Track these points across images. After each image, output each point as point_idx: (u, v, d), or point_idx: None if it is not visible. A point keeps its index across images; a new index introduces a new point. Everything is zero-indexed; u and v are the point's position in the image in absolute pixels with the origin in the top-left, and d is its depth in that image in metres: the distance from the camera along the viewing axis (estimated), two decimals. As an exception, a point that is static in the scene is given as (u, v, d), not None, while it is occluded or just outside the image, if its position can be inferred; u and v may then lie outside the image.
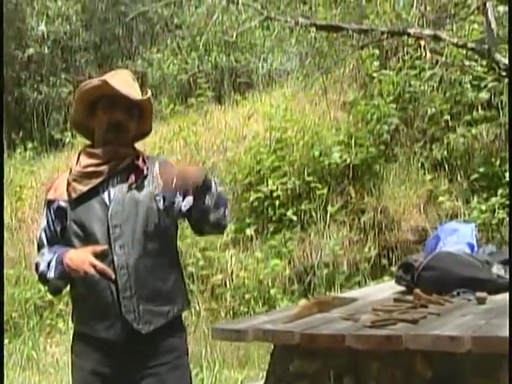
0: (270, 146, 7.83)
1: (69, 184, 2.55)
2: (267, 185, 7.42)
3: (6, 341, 6.66)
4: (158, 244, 2.52)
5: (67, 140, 9.73)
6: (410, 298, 3.01)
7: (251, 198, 7.48)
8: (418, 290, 3.02)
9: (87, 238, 2.50)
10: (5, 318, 6.93)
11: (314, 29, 6.91)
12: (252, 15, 10.37)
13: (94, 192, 2.52)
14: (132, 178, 2.53)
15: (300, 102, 8.96)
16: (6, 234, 8.18)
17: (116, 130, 2.55)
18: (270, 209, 7.39)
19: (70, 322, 6.40)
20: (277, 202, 7.33)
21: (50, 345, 6.68)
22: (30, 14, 11.39)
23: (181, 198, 2.52)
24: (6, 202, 8.59)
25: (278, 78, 10.92)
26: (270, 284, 6.73)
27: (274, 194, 7.33)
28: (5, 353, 6.41)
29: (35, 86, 11.59)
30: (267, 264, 6.86)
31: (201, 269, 7.09)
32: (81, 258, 2.43)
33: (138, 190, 2.53)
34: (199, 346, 5.85)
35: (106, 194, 2.53)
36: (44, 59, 11.66)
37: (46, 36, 11.35)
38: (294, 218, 7.21)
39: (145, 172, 2.56)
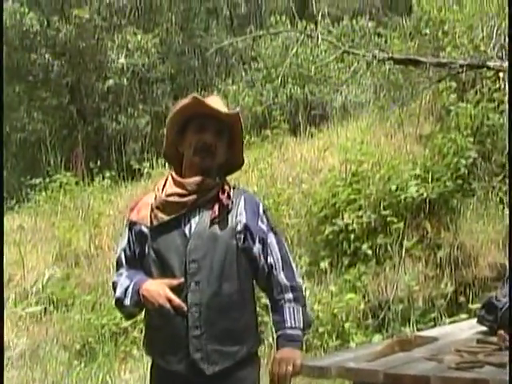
0: (346, 178, 7.79)
1: (152, 210, 2.56)
2: (342, 218, 7.37)
3: (81, 365, 6.81)
4: (234, 282, 2.50)
5: (145, 170, 9.94)
6: (494, 339, 2.92)
7: (326, 231, 7.43)
8: (502, 332, 2.94)
9: (164, 270, 2.50)
10: (81, 342, 7.09)
11: (390, 62, 6.87)
12: (327, 48, 10.46)
13: (175, 222, 2.52)
14: (215, 212, 2.51)
15: (375, 134, 8.94)
16: (84, 261, 8.40)
17: (204, 152, 2.54)
18: (344, 242, 7.33)
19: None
20: (352, 236, 7.26)
21: (124, 371, 6.77)
22: (111, 48, 11.76)
23: (257, 244, 2.54)
24: (84, 229, 8.84)
25: (353, 111, 10.93)
26: (343, 318, 6.64)
27: (350, 228, 7.27)
28: (81, 376, 6.57)
29: (114, 116, 11.93)
30: (341, 298, 6.79)
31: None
32: (157, 290, 2.44)
33: (220, 225, 2.51)
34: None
35: (187, 226, 2.52)
36: (123, 90, 12.01)
37: (125, 68, 11.69)
38: (369, 251, 7.12)
39: (229, 206, 2.54)
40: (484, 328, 3.33)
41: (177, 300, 2.42)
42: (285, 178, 8.65)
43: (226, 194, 2.55)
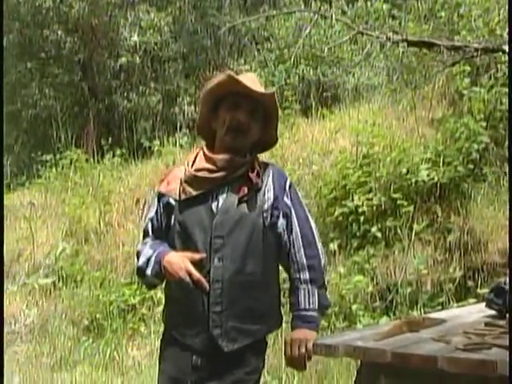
0: (357, 161, 7.77)
1: (181, 183, 2.54)
2: (352, 200, 7.36)
3: (89, 341, 6.86)
4: (258, 262, 2.48)
5: (155, 148, 9.94)
6: (502, 322, 2.92)
7: (336, 213, 7.43)
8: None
9: (188, 243, 2.49)
10: (89, 318, 7.15)
11: (404, 44, 6.81)
12: (341, 29, 10.38)
13: (203, 197, 2.50)
14: (244, 190, 2.49)
15: (387, 117, 8.89)
16: (93, 237, 8.44)
17: (236, 132, 2.52)
18: (354, 224, 7.32)
19: (152, 326, 6.54)
20: (361, 218, 7.25)
21: (132, 348, 6.82)
22: (123, 25, 11.72)
23: (281, 219, 2.51)
24: (94, 206, 8.87)
25: (365, 93, 10.88)
26: (351, 300, 6.65)
27: (359, 210, 7.26)
28: (88, 351, 6.62)
29: (125, 94, 11.91)
30: (350, 280, 6.79)
31: (283, 282, 7.08)
32: (179, 263, 2.43)
33: (248, 203, 2.49)
34: (278, 359, 5.83)
35: (215, 202, 2.50)
36: (135, 68, 11.98)
37: (137, 46, 11.65)
38: (379, 234, 7.12)
39: (259, 185, 2.51)
40: (492, 312, 3.32)
41: (197, 274, 2.41)
42: (295, 159, 8.64)
43: (255, 173, 2.52)
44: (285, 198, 2.56)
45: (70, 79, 12.21)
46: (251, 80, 2.59)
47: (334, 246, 7.25)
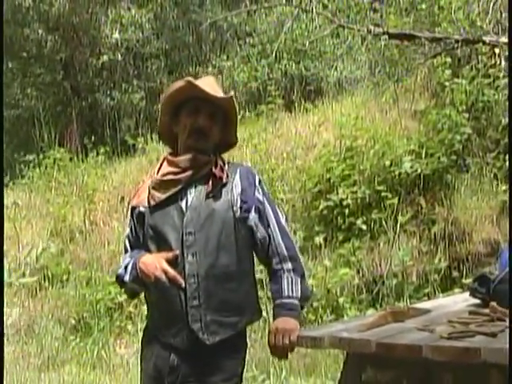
0: (340, 154, 7.80)
1: (149, 191, 2.59)
2: (337, 193, 7.39)
3: (77, 339, 6.85)
4: (231, 254, 2.50)
5: (139, 146, 9.91)
6: (486, 311, 2.94)
7: (321, 207, 7.45)
8: (494, 303, 2.95)
9: (162, 244, 2.52)
10: (76, 317, 7.13)
11: (385, 37, 6.83)
12: (322, 23, 10.38)
13: (172, 199, 2.54)
14: (210, 185, 2.53)
15: (370, 110, 8.92)
16: (78, 236, 8.41)
17: (198, 135, 2.56)
18: (339, 217, 7.35)
19: (139, 324, 6.52)
20: (346, 211, 7.28)
21: (120, 346, 6.81)
22: (105, 23, 11.68)
23: (253, 213, 2.55)
24: (79, 205, 8.84)
25: (348, 86, 10.90)
26: (338, 293, 6.68)
27: (344, 203, 7.29)
28: (76, 351, 6.60)
29: (108, 92, 11.88)
30: (336, 273, 6.82)
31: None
32: (154, 263, 2.45)
33: (215, 199, 2.53)
34: (266, 353, 5.84)
35: (183, 201, 2.54)
36: (117, 66, 11.94)
37: (119, 44, 11.62)
38: (364, 227, 7.15)
39: (223, 180, 2.55)
40: (477, 301, 3.35)
41: (172, 271, 2.43)
42: (279, 154, 8.66)
43: (218, 168, 2.56)
44: (256, 194, 2.59)
45: (52, 78, 12.16)
46: (210, 84, 2.63)
47: (319, 239, 7.27)
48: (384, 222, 7.08)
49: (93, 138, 10.84)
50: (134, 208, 2.66)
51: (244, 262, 2.56)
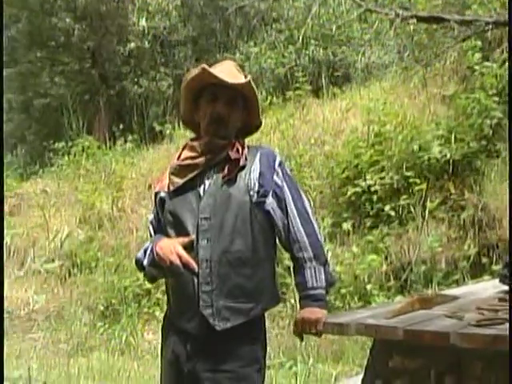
0: (369, 140, 7.72)
1: (169, 177, 2.58)
2: (365, 179, 7.32)
3: (106, 326, 6.90)
4: (246, 239, 2.45)
5: (167, 132, 9.92)
6: (516, 297, 2.88)
7: (349, 193, 7.40)
8: (525, 290, 2.89)
9: (180, 229, 2.49)
10: (105, 304, 7.17)
11: (414, 20, 6.72)
12: (350, 8, 10.29)
13: (190, 184, 2.51)
14: (226, 169, 2.49)
15: (399, 95, 8.82)
16: (107, 223, 8.46)
17: (217, 123, 2.53)
18: (367, 203, 7.28)
19: (167, 310, 6.53)
20: (374, 197, 7.21)
21: (148, 332, 6.84)
22: (132, 11, 11.68)
23: (270, 198, 2.50)
24: (107, 192, 8.89)
25: (376, 72, 10.79)
26: (365, 279, 6.63)
27: (372, 189, 7.22)
28: (104, 337, 6.65)
29: (135, 79, 11.90)
30: (364, 259, 6.77)
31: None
32: (169, 247, 2.44)
33: (233, 183, 2.48)
34: (294, 340, 5.83)
35: (201, 186, 2.51)
36: (144, 54, 11.95)
37: (146, 31, 11.62)
38: (392, 213, 7.07)
39: (241, 162, 2.50)
40: (507, 287, 3.29)
41: (186, 256, 2.41)
42: (307, 140, 8.60)
43: (235, 151, 2.52)
44: (274, 177, 2.54)
45: (80, 67, 12.22)
46: (228, 69, 2.59)
47: (347, 225, 7.22)
48: (412, 208, 7.00)
49: (121, 125, 10.89)
50: (156, 193, 2.65)
51: (260, 248, 2.50)
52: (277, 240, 2.62)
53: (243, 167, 2.52)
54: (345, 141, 8.18)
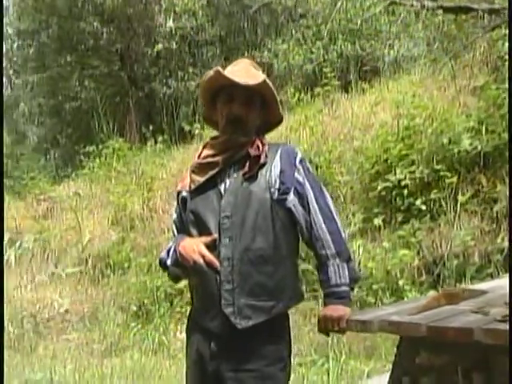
0: (398, 133, 7.64)
1: (190, 176, 2.58)
2: (395, 174, 7.24)
3: (138, 326, 6.95)
4: (267, 237, 2.44)
5: (196, 131, 9.95)
6: (546, 290, 2.82)
7: (379, 188, 7.32)
8: (554, 283, 2.83)
9: (202, 228, 2.49)
10: (137, 304, 7.22)
11: (440, 11, 6.63)
12: (377, 1, 10.19)
13: (211, 182, 2.51)
14: (246, 167, 2.48)
15: (428, 88, 8.72)
16: (138, 224, 8.52)
17: (234, 125, 2.52)
18: (398, 198, 7.20)
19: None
20: (405, 191, 7.13)
21: (180, 331, 6.85)
22: (158, 12, 11.74)
23: (292, 196, 2.48)
24: (138, 193, 8.94)
25: (405, 65, 10.69)
26: (398, 275, 6.55)
27: (403, 183, 7.14)
28: (137, 337, 6.69)
29: (164, 80, 11.98)
30: (395, 254, 6.70)
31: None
32: (192, 247, 2.44)
33: (253, 180, 2.47)
34: (325, 337, 5.80)
35: (222, 184, 2.50)
36: (172, 54, 12.01)
37: (173, 32, 11.67)
38: (423, 207, 6.98)
39: (261, 160, 2.49)
40: (538, 280, 3.22)
41: (209, 255, 2.41)
42: (336, 135, 8.55)
43: (255, 148, 2.51)
44: (296, 174, 2.52)
45: (110, 70, 12.33)
46: (243, 69, 2.59)
47: (378, 220, 7.16)
48: (444, 202, 6.91)
49: (151, 126, 10.95)
50: (179, 193, 2.65)
51: (282, 245, 2.49)
52: (299, 237, 2.60)
53: (264, 164, 2.51)
54: (374, 135, 8.11)
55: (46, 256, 8.58)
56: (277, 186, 2.48)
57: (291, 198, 2.49)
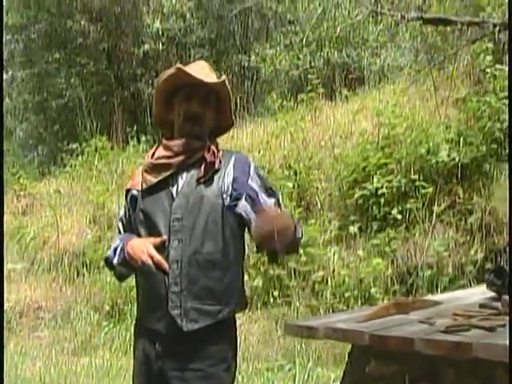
0: (378, 142, 7.67)
1: (142, 175, 2.58)
2: (373, 182, 7.27)
3: (110, 325, 6.93)
4: (217, 241, 2.46)
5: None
6: (498, 304, 2.85)
7: (356, 196, 7.34)
8: (506, 297, 2.86)
9: (151, 229, 2.51)
10: (110, 304, 7.21)
11: (420, 22, 6.67)
12: (360, 11, 10.24)
13: (163, 184, 2.53)
14: (201, 171, 2.50)
15: (411, 98, 8.75)
16: (115, 223, 8.49)
17: (192, 121, 2.55)
18: (374, 207, 7.21)
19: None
20: (382, 200, 7.15)
21: (152, 333, 6.84)
22: (146, 12, 11.73)
23: (246, 204, 2.47)
24: (118, 193, 8.92)
25: (391, 74, 10.73)
26: (371, 283, 6.59)
27: (379, 192, 7.16)
28: (108, 336, 6.68)
29: (150, 81, 11.93)
30: (369, 262, 6.72)
31: (302, 265, 7.04)
32: (141, 247, 2.45)
33: (206, 185, 2.49)
34: (294, 342, 5.82)
35: (174, 186, 2.52)
36: (159, 56, 11.98)
37: (160, 33, 11.64)
38: (399, 216, 7.01)
39: (216, 165, 2.51)
40: (494, 293, 3.25)
41: (158, 257, 2.42)
42: (317, 142, 8.56)
43: (211, 153, 2.53)
44: (249, 182, 2.54)
45: (96, 68, 12.28)
46: (202, 69, 2.61)
47: (354, 228, 7.17)
48: (420, 212, 6.94)
49: (135, 126, 10.93)
50: (128, 190, 2.66)
51: (230, 251, 2.51)
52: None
53: (218, 170, 2.53)
54: (355, 143, 8.13)
55: (23, 253, 8.55)
56: (229, 193, 2.50)
57: (242, 204, 2.50)
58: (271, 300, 6.90)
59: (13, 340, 6.91)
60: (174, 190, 2.52)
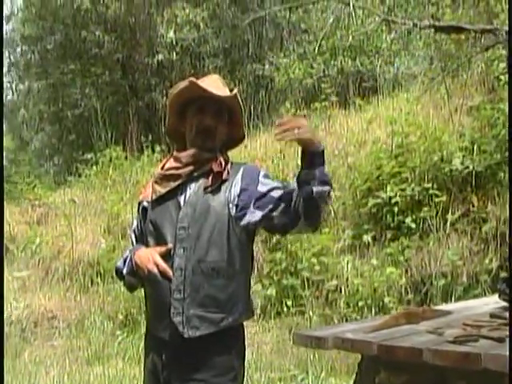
0: (391, 151, 7.64)
1: (152, 186, 2.61)
2: (386, 191, 7.24)
3: (124, 334, 6.95)
4: (222, 251, 2.47)
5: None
6: (507, 314, 2.82)
7: (370, 204, 7.32)
8: (517, 306, 2.83)
9: (159, 238, 2.53)
10: (124, 313, 7.22)
11: (432, 30, 6.66)
12: (372, 19, 10.24)
13: (172, 194, 2.55)
14: (208, 181, 2.52)
15: (425, 106, 8.72)
16: (126, 234, 8.52)
17: (204, 135, 2.56)
18: (388, 215, 7.19)
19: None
20: (395, 209, 7.12)
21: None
22: (160, 23, 11.79)
23: (254, 210, 2.47)
24: (132, 202, 8.95)
25: (404, 82, 10.70)
26: (384, 292, 6.55)
27: (393, 201, 7.13)
28: (122, 345, 6.69)
29: (165, 91, 11.98)
30: (383, 272, 6.69)
31: (316, 274, 7.03)
32: (147, 256, 2.48)
33: (213, 195, 2.51)
34: (308, 352, 5.79)
35: (182, 196, 2.54)
36: (173, 65, 12.04)
37: (174, 43, 11.70)
38: (413, 225, 6.98)
39: (223, 176, 2.53)
40: (506, 303, 3.22)
41: (163, 265, 2.45)
42: (330, 151, 8.53)
43: (218, 164, 2.55)
44: (258, 188, 2.53)
45: (111, 78, 12.37)
46: (214, 82, 2.63)
47: (368, 237, 7.16)
48: (434, 221, 6.90)
49: (150, 136, 10.97)
50: (140, 203, 2.70)
51: (235, 261, 2.51)
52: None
53: (225, 181, 2.54)
54: (368, 152, 8.11)
55: (37, 262, 8.59)
56: (235, 203, 2.51)
57: (251, 211, 2.49)
58: (285, 309, 6.89)
59: (27, 349, 6.94)
60: (181, 200, 2.54)
